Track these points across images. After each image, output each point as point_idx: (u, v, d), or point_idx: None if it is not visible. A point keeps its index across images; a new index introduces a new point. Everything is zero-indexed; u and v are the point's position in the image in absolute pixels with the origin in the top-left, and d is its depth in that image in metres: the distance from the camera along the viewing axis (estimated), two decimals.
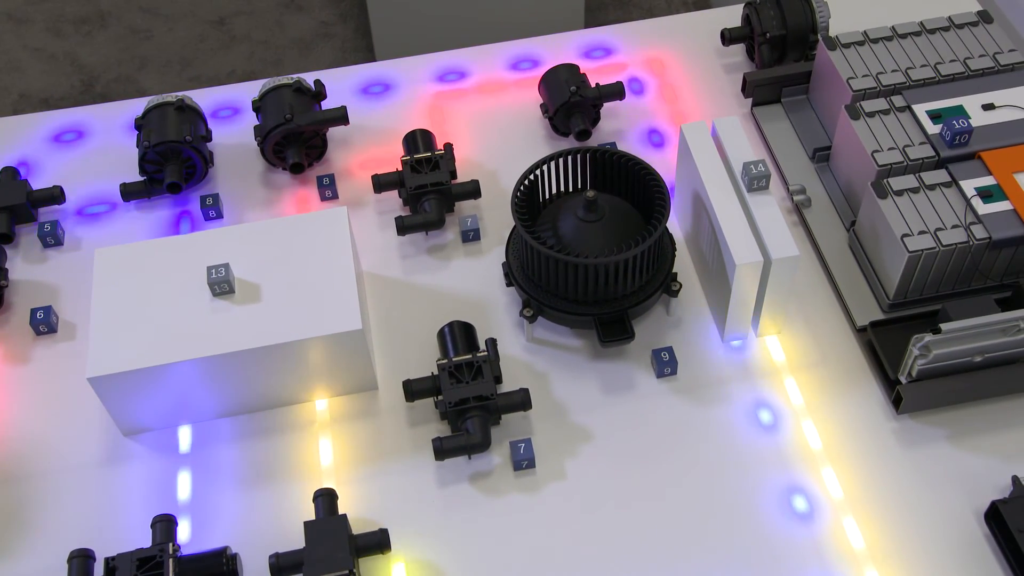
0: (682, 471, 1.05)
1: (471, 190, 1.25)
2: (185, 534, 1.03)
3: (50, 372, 1.15)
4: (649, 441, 1.07)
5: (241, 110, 1.41)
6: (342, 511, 1.02)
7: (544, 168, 1.14)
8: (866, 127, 1.16)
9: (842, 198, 1.24)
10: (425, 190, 1.22)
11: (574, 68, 1.33)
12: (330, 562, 0.93)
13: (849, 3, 1.47)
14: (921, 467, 1.04)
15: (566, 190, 1.19)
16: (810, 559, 0.99)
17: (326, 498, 1.00)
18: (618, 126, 1.36)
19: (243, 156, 1.35)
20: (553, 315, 1.12)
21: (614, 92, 1.31)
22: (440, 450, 1.02)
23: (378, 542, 0.97)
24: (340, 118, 1.28)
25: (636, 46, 1.45)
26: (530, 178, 1.13)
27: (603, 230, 1.09)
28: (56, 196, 1.27)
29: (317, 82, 1.32)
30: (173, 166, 1.27)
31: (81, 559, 0.98)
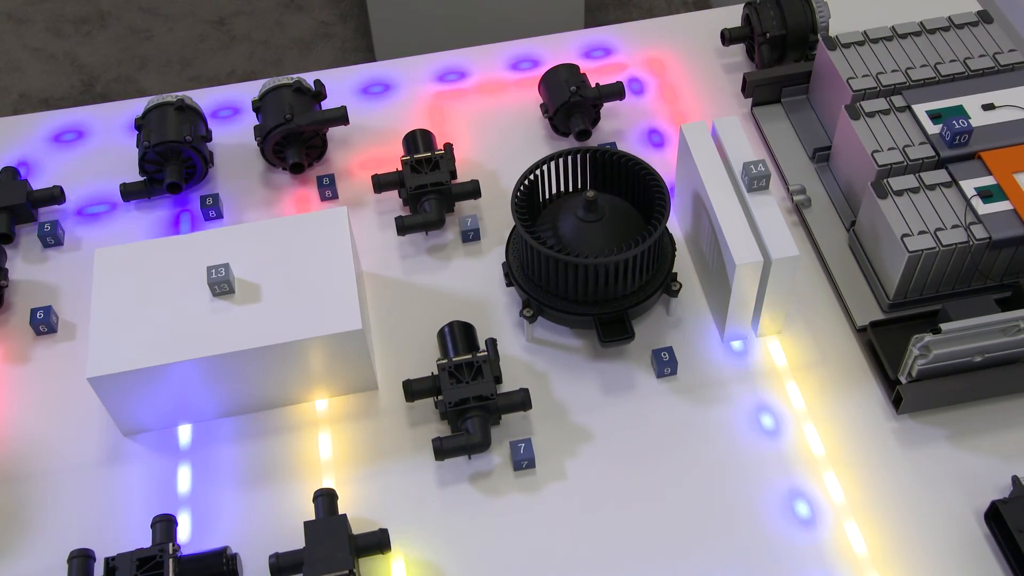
0: (682, 471, 1.05)
1: (471, 190, 1.25)
2: (185, 534, 1.03)
3: (50, 372, 1.15)
4: (649, 441, 1.07)
5: (241, 110, 1.41)
6: (342, 511, 1.02)
7: (544, 168, 1.14)
8: (866, 127, 1.16)
9: (842, 198, 1.24)
10: (425, 190, 1.22)
11: (574, 68, 1.33)
12: (330, 562, 0.93)
13: (849, 3, 1.47)
14: (921, 467, 1.04)
15: (566, 190, 1.19)
16: (810, 558, 0.99)
17: (326, 498, 1.00)
18: (618, 126, 1.36)
19: (243, 156, 1.35)
20: (553, 315, 1.12)
21: (614, 92, 1.31)
22: (440, 450, 1.02)
23: (378, 542, 0.97)
24: (340, 118, 1.28)
25: (636, 46, 1.45)
26: (530, 178, 1.13)
27: (603, 230, 1.09)
28: (56, 196, 1.27)
29: (317, 82, 1.32)
30: (173, 166, 1.27)
31: (81, 559, 0.98)
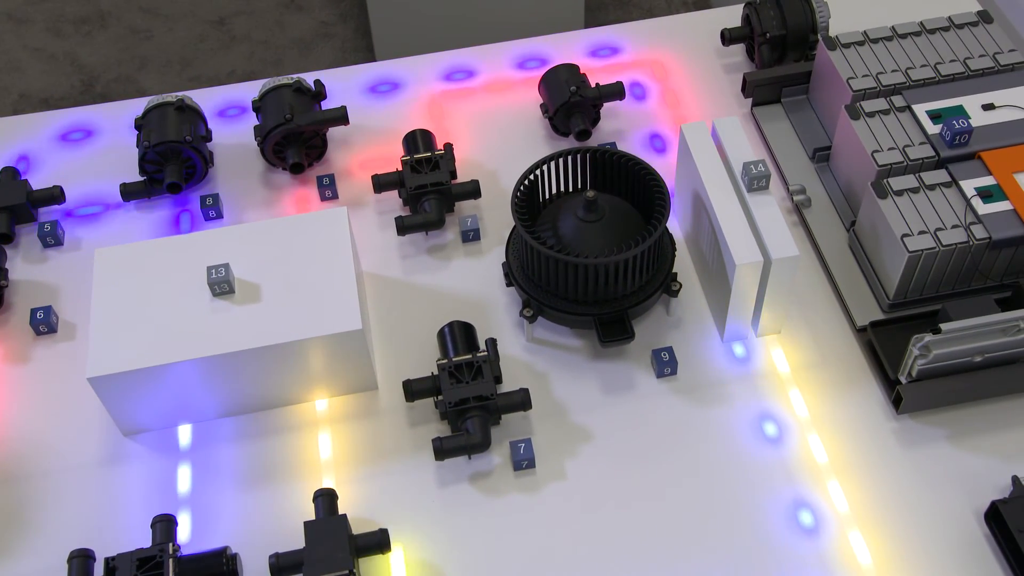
0: (682, 471, 1.05)
1: (471, 190, 1.25)
2: (185, 534, 1.03)
3: (50, 372, 1.15)
4: (649, 441, 1.07)
5: (241, 110, 1.41)
6: (342, 511, 1.02)
7: (544, 168, 1.14)
8: (866, 127, 1.16)
9: (842, 198, 1.24)
10: (425, 190, 1.22)
11: (574, 68, 1.33)
12: (330, 562, 0.93)
13: (849, 3, 1.47)
14: (921, 467, 1.04)
15: (566, 190, 1.19)
16: (810, 558, 0.99)
17: (326, 498, 1.00)
18: (618, 126, 1.36)
19: (243, 156, 1.35)
20: (553, 315, 1.12)
21: (614, 92, 1.31)
22: (440, 450, 1.02)
23: (378, 542, 0.97)
24: (340, 118, 1.28)
25: (636, 46, 1.45)
26: (530, 178, 1.13)
27: (603, 230, 1.09)
28: (56, 196, 1.27)
29: (317, 82, 1.32)
30: (173, 166, 1.27)
31: (81, 559, 0.98)
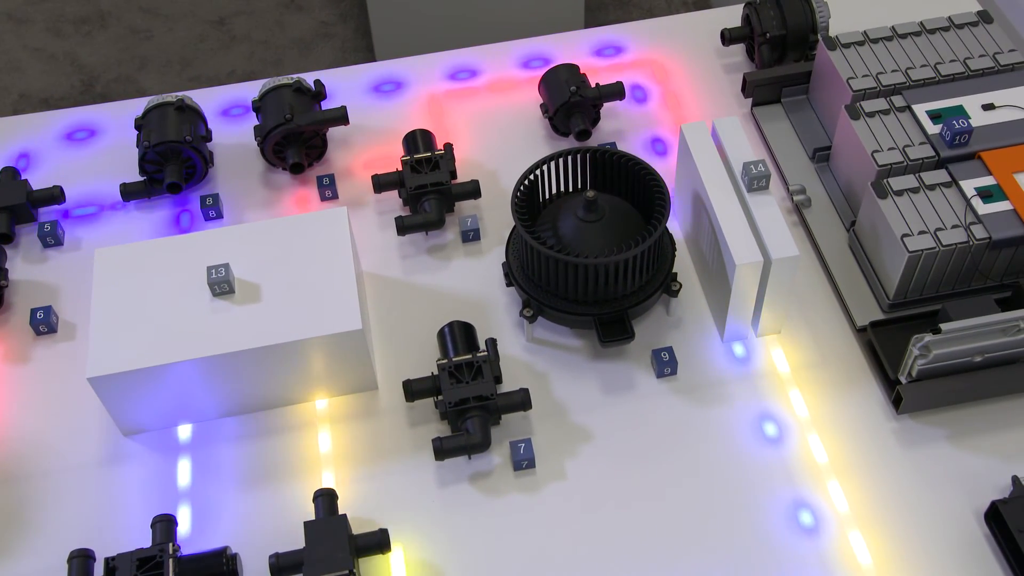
0: (682, 471, 1.05)
1: (471, 190, 1.25)
2: (185, 534, 1.03)
3: (50, 372, 1.15)
4: (649, 441, 1.07)
5: (241, 110, 1.41)
6: (342, 511, 1.02)
7: (544, 168, 1.14)
8: (866, 127, 1.16)
9: (842, 198, 1.24)
10: (425, 190, 1.22)
11: (574, 68, 1.33)
12: (330, 562, 0.93)
13: (849, 3, 1.47)
14: (921, 467, 1.04)
15: (566, 190, 1.19)
16: (809, 557, 0.99)
17: (326, 498, 1.00)
18: (618, 126, 1.36)
19: (243, 156, 1.35)
20: (553, 315, 1.12)
21: (614, 92, 1.31)
22: (440, 450, 1.02)
23: (378, 542, 0.97)
24: (340, 118, 1.28)
25: (636, 46, 1.45)
26: (530, 178, 1.13)
27: (603, 230, 1.09)
28: (56, 196, 1.27)
29: (317, 82, 1.32)
30: (173, 166, 1.27)
31: (81, 559, 0.98)
